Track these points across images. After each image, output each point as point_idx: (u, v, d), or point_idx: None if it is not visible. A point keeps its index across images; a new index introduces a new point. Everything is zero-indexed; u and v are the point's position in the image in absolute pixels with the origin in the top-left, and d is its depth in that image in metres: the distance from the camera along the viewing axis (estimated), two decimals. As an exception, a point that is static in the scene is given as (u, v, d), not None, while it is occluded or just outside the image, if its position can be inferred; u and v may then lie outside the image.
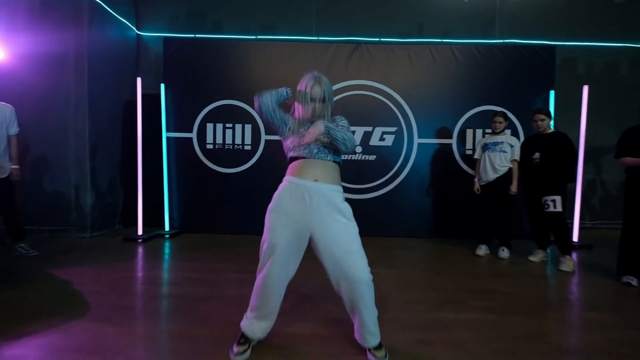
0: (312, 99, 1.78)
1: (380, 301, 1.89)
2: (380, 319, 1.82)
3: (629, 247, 3.00)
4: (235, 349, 1.80)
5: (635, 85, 5.47)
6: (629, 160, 2.96)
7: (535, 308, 2.52)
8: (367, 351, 1.80)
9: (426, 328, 2.18)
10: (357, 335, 1.83)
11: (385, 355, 1.77)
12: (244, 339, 1.83)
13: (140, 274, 3.24)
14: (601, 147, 5.41)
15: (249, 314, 1.86)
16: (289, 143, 1.84)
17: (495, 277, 3.21)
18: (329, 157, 1.78)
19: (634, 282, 2.95)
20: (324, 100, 1.79)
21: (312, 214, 1.70)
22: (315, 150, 1.76)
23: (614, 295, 2.78)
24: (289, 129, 1.84)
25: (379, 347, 1.79)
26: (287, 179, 1.80)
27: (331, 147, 1.77)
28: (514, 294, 2.76)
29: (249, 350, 1.82)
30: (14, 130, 3.47)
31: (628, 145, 2.99)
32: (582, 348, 2.01)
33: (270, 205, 1.79)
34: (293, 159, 1.81)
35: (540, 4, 5.61)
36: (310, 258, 1.80)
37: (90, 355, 1.83)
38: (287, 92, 1.88)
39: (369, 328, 1.76)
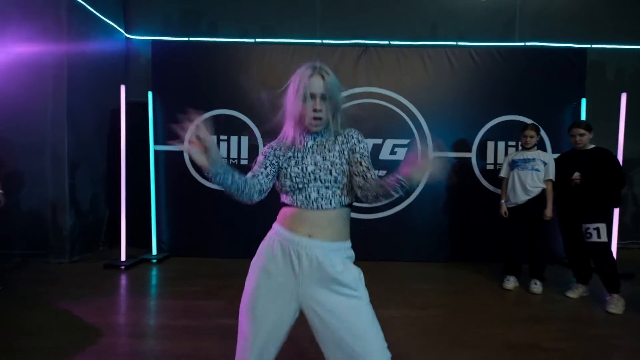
0: (312, 95, 1.28)
1: (396, 345, 1.40)
2: None
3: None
4: None
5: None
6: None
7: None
8: None
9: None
10: None
11: None
12: None
13: (114, 318, 2.76)
14: (631, 159, 4.92)
15: None
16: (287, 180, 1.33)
17: (531, 320, 2.70)
18: (332, 204, 1.29)
19: None
20: (324, 98, 1.29)
21: (301, 284, 1.23)
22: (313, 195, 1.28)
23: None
24: (282, 165, 1.34)
25: None
26: (277, 229, 1.32)
27: (347, 185, 1.29)
28: (550, 341, 2.27)
29: None
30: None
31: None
32: None
33: (253, 260, 1.32)
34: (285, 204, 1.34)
35: (563, 3, 5.14)
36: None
37: None
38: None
39: None
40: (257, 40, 5.05)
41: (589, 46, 5.05)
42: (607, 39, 5.15)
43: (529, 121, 3.95)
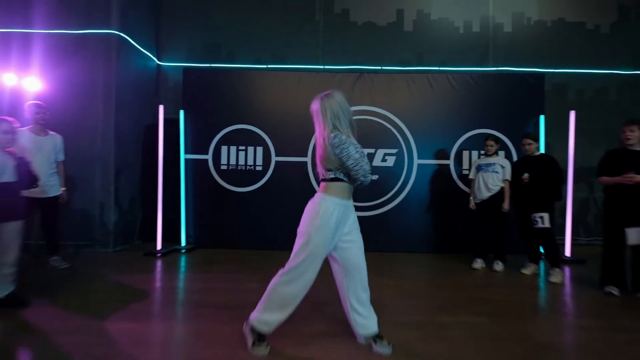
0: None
1: (381, 306, 2.20)
2: (382, 320, 2.13)
3: (609, 260, 3.28)
4: (256, 347, 2.08)
5: (622, 109, 5.81)
6: (605, 179, 3.27)
7: (523, 313, 2.79)
8: (373, 343, 2.09)
9: (423, 328, 2.47)
10: (357, 331, 2.15)
11: (389, 344, 2.08)
12: (261, 338, 2.11)
13: (165, 284, 3.55)
14: (592, 168, 5.69)
15: (269, 316, 2.09)
16: None
17: (489, 287, 3.49)
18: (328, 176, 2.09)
19: (615, 291, 3.21)
20: (314, 116, 2.08)
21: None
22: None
23: (597, 303, 3.05)
24: None
25: (381, 335, 2.10)
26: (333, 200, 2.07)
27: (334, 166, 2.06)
28: (505, 302, 3.04)
29: (267, 347, 2.10)
30: (61, 157, 3.94)
31: (607, 167, 3.31)
32: (561, 346, 2.28)
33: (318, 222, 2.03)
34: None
35: (531, 33, 6.05)
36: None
37: (134, 347, 2.14)
38: None
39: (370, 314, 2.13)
40: (269, 66, 5.94)
41: (552, 70, 5.95)
42: (568, 64, 6.03)
43: (495, 133, 4.83)
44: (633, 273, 3.20)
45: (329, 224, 1.99)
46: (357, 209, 5.00)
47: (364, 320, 2.12)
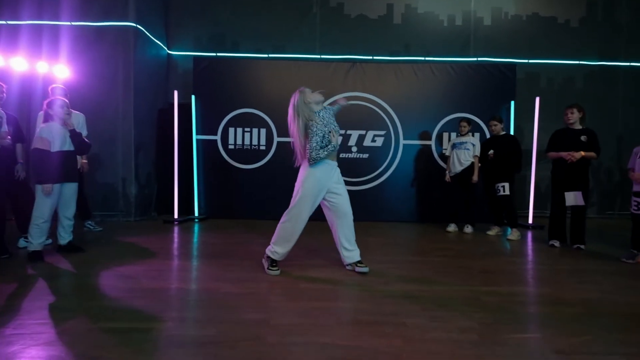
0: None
1: (366, 252, 2.92)
2: (366, 259, 2.86)
3: (554, 219, 4.02)
4: (270, 269, 2.80)
5: (586, 95, 6.51)
6: (552, 154, 3.98)
7: (477, 256, 3.53)
8: (355, 267, 2.82)
9: (397, 263, 3.19)
10: (345, 261, 2.85)
11: (366, 267, 2.83)
12: (274, 263, 2.83)
13: (188, 240, 4.25)
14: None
15: (278, 248, 2.85)
16: None
17: (456, 242, 4.23)
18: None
19: (557, 244, 3.96)
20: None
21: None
22: None
23: (539, 251, 3.80)
24: None
25: (361, 262, 2.82)
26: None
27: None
28: (465, 250, 3.78)
29: (279, 270, 2.83)
30: (85, 133, 4.51)
31: (553, 143, 4.01)
32: (498, 270, 3.02)
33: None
34: None
35: (508, 27, 6.68)
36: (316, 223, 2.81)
37: (170, 273, 2.83)
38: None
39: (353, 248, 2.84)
40: (270, 55, 6.54)
41: (526, 61, 6.62)
42: (541, 54, 6.69)
43: (471, 117, 5.52)
44: (571, 229, 3.94)
45: (315, 176, 2.75)
46: (350, 183, 5.77)
47: (350, 253, 2.85)
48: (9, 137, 3.23)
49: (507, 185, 4.45)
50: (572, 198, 3.79)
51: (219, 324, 1.94)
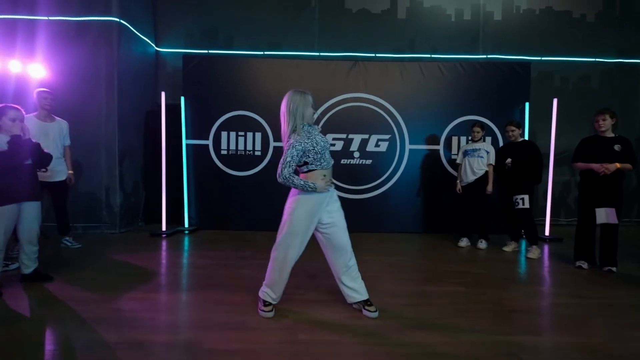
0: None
1: (373, 279, 2.50)
2: (374, 290, 2.43)
3: (581, 237, 3.62)
4: (263, 309, 2.40)
5: (603, 95, 6.11)
6: (580, 165, 3.57)
7: (499, 284, 3.13)
8: (362, 308, 2.41)
9: (410, 296, 2.78)
10: (349, 300, 2.46)
11: (376, 310, 2.37)
12: (267, 304, 2.43)
13: (174, 260, 3.83)
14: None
15: (269, 290, 2.44)
16: None
17: (471, 262, 3.82)
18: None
19: (585, 265, 3.56)
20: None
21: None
22: None
23: (566, 275, 3.39)
24: None
25: (370, 303, 2.40)
26: None
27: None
28: (483, 274, 3.37)
29: (273, 311, 2.43)
30: (68, 142, 4.11)
31: (581, 153, 3.60)
32: (528, 309, 2.61)
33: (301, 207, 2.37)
34: None
35: (519, 22, 6.25)
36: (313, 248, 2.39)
37: (152, 313, 2.42)
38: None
39: (357, 285, 2.43)
40: (266, 52, 6.10)
41: (539, 58, 6.20)
42: (555, 52, 6.27)
43: (483, 120, 5.10)
44: (600, 249, 3.54)
45: (306, 207, 2.32)
46: (352, 192, 5.33)
47: (352, 292, 2.43)
48: None
49: (526, 197, 4.04)
50: (604, 215, 3.38)
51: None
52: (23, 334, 2.13)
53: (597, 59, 6.25)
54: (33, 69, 4.60)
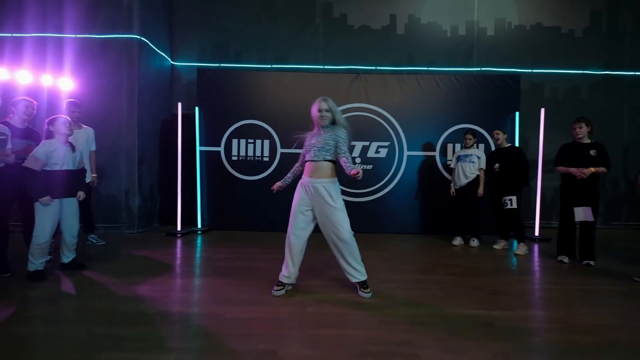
0: (319, 110, 2.76)
1: (371, 270, 2.87)
2: (371, 279, 2.78)
3: (562, 234, 3.96)
4: (275, 289, 2.77)
5: (591, 106, 6.48)
6: (561, 169, 3.93)
7: (486, 274, 3.47)
8: (358, 289, 2.77)
9: (404, 283, 3.13)
10: (347, 275, 2.81)
11: (370, 292, 2.76)
12: (280, 284, 2.80)
13: (190, 255, 4.20)
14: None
15: (284, 268, 2.83)
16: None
17: (462, 257, 4.17)
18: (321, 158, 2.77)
19: (566, 259, 3.90)
20: (328, 110, 2.77)
21: (313, 202, 2.78)
22: (312, 155, 2.78)
23: (549, 268, 3.73)
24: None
25: (365, 285, 2.76)
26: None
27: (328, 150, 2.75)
28: (472, 267, 3.72)
29: (284, 290, 2.79)
30: (94, 147, 4.51)
31: (561, 158, 3.96)
32: (509, 291, 2.96)
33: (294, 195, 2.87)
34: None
35: (511, 37, 6.67)
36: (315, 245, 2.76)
37: (177, 292, 2.79)
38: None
39: (351, 269, 2.76)
40: (273, 66, 6.54)
41: (530, 71, 6.59)
42: (545, 64, 6.66)
43: (476, 128, 5.48)
44: (580, 245, 3.88)
45: (297, 189, 2.85)
46: (353, 195, 5.71)
47: (352, 270, 2.78)
48: (12, 154, 3.20)
49: (514, 198, 4.40)
50: (582, 214, 3.73)
51: (224, 355, 1.90)
52: (72, 308, 2.51)
53: (585, 71, 6.63)
54: (62, 83, 5.04)
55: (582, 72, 6.64)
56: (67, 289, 2.89)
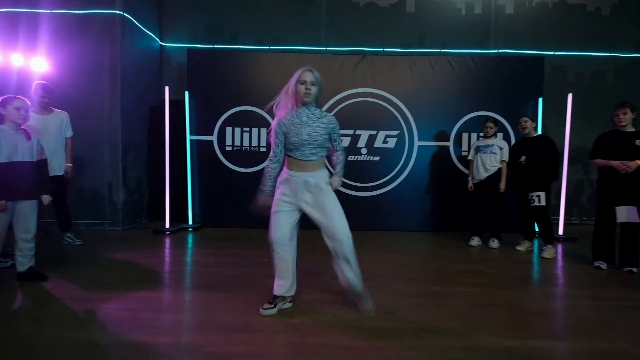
0: (303, 82, 2.20)
1: (381, 278, 2.37)
2: (382, 290, 2.31)
3: (600, 236, 3.46)
4: (264, 306, 2.34)
5: (619, 91, 5.89)
6: (599, 161, 3.41)
7: (515, 284, 2.98)
8: (356, 299, 2.33)
9: (421, 297, 2.65)
10: (342, 283, 2.35)
11: (369, 302, 2.32)
12: (272, 300, 2.35)
13: (178, 258, 3.73)
14: (588, 150, 5.84)
15: (276, 278, 2.39)
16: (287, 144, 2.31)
17: (484, 261, 3.68)
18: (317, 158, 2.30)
19: (604, 266, 3.41)
20: (314, 84, 2.22)
21: (298, 196, 2.30)
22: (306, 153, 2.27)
23: (584, 276, 3.24)
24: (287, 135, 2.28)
25: (363, 295, 2.32)
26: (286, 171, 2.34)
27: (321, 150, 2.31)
28: (497, 274, 3.23)
29: (275, 309, 2.33)
30: (69, 133, 4.01)
31: (600, 149, 3.44)
32: (544, 311, 2.47)
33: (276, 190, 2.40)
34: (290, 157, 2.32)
35: (532, 15, 6.08)
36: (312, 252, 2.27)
37: (152, 312, 2.31)
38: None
39: (353, 276, 2.30)
40: (271, 47, 5.98)
41: (552, 53, 6.01)
42: (568, 46, 6.09)
43: (495, 116, 4.95)
44: (621, 249, 3.38)
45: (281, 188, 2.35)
46: (359, 189, 5.19)
47: (349, 279, 2.31)
48: None
49: (542, 195, 3.88)
50: (625, 214, 3.23)
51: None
52: (13, 334, 2.03)
53: (612, 54, 6.06)
54: (35, 63, 4.51)
55: (609, 54, 6.07)
56: (14, 306, 2.40)
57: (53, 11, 4.88)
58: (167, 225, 4.98)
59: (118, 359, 1.78)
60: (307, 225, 2.41)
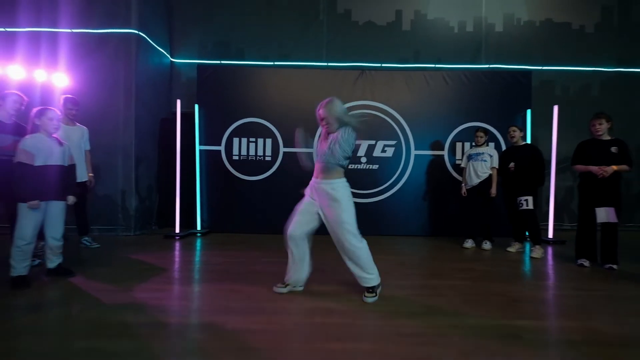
0: (319, 120, 2.62)
1: (382, 275, 2.67)
2: (383, 284, 2.60)
3: (582, 236, 3.74)
4: (277, 284, 2.68)
5: (603, 103, 6.24)
6: (580, 167, 3.72)
7: (503, 279, 3.25)
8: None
9: (418, 288, 2.91)
10: (357, 279, 2.66)
11: (375, 296, 2.60)
12: (284, 281, 2.70)
13: (189, 259, 3.99)
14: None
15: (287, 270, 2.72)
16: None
17: (476, 260, 3.95)
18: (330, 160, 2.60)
19: (586, 263, 3.68)
20: (322, 119, 2.59)
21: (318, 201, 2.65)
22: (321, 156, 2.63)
23: (569, 272, 3.51)
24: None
25: (370, 290, 2.60)
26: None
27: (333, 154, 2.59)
28: (488, 271, 3.50)
29: (286, 289, 2.68)
30: (88, 146, 4.31)
31: (580, 155, 3.75)
32: (532, 298, 2.74)
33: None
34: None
35: (520, 33, 6.47)
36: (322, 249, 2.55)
37: (174, 300, 2.57)
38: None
39: (359, 274, 2.61)
40: (276, 63, 6.34)
41: (540, 68, 6.39)
42: (555, 61, 6.46)
43: (486, 126, 5.27)
44: (602, 247, 3.65)
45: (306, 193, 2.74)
46: (359, 196, 5.49)
47: (359, 274, 2.62)
48: None
49: (530, 199, 4.18)
50: (604, 214, 3.51)
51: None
52: (52, 320, 2.29)
53: (596, 68, 6.43)
54: (57, 78, 4.84)
55: (594, 69, 6.44)
56: (52, 296, 2.67)
57: (73, 30, 5.24)
58: (177, 230, 5.24)
59: (150, 337, 2.03)
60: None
